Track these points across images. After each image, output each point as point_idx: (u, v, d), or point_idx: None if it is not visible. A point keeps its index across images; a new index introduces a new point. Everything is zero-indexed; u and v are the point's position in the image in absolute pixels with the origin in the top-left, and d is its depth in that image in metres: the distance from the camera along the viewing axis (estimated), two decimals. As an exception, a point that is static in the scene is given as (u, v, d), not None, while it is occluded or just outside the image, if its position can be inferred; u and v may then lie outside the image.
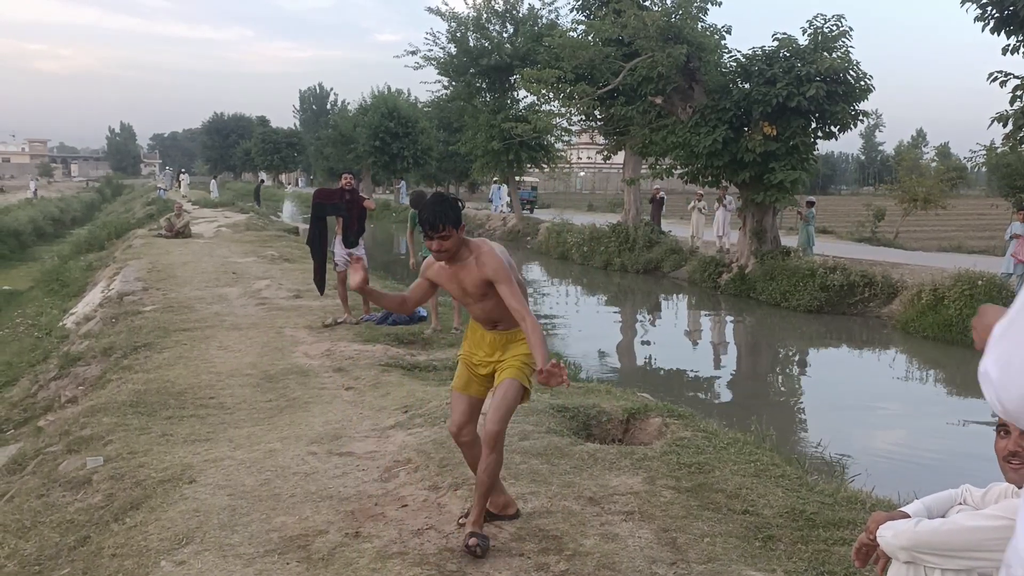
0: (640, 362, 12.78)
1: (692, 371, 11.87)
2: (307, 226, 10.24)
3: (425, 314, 9.72)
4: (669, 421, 5.43)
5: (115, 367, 7.65)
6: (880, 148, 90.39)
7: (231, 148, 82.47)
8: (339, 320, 9.48)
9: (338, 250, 9.77)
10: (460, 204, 3.54)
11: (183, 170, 58.84)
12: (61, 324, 11.56)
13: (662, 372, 12.04)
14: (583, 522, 3.93)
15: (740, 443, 5.00)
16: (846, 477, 6.17)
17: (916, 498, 2.65)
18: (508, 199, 34.98)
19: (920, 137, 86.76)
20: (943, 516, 2.64)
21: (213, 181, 50.19)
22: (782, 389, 11.09)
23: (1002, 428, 2.47)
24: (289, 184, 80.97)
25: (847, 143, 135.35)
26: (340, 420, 5.71)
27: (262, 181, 53.39)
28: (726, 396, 10.61)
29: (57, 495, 4.75)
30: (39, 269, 18.92)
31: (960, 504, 2.65)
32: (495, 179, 37.06)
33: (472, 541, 3.54)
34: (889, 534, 2.51)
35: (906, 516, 2.63)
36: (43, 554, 4.03)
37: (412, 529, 3.90)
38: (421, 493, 4.33)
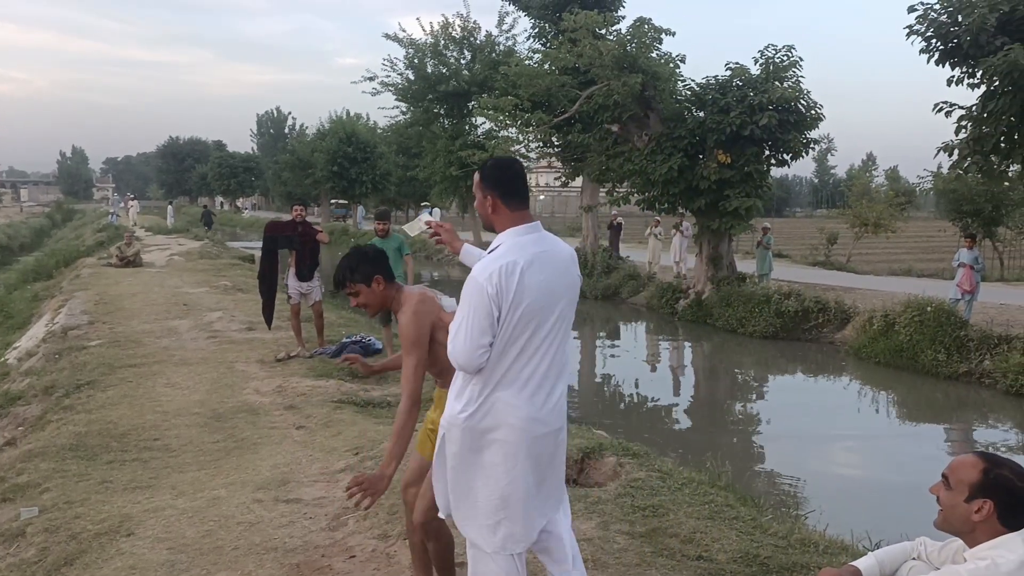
0: (597, 392, 12.74)
1: (650, 400, 11.86)
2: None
3: (380, 347, 9.58)
4: (624, 460, 5.37)
5: (56, 407, 7.39)
6: (832, 171, 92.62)
7: (187, 172, 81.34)
8: (292, 354, 9.31)
9: (291, 283, 9.60)
10: (376, 258, 3.19)
11: (132, 195, 56.58)
12: (2, 360, 11.17)
13: (620, 401, 12.02)
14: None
15: (695, 483, 4.96)
16: (800, 514, 6.17)
17: (868, 539, 2.62)
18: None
19: (870, 161, 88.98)
20: (895, 571, 2.60)
21: (169, 207, 48.23)
22: (739, 418, 11.12)
23: (944, 477, 2.48)
24: (246, 208, 79.80)
25: (801, 166, 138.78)
26: (289, 463, 5.56)
27: (205, 207, 50.51)
28: (683, 426, 10.61)
29: (-13, 550, 4.53)
30: (-18, 299, 18.31)
31: (913, 560, 2.61)
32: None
33: None
34: (832, 596, 2.47)
35: (857, 572, 2.59)
36: (-32, 617, 3.83)
37: (359, 583, 3.77)
38: (370, 543, 4.21)
